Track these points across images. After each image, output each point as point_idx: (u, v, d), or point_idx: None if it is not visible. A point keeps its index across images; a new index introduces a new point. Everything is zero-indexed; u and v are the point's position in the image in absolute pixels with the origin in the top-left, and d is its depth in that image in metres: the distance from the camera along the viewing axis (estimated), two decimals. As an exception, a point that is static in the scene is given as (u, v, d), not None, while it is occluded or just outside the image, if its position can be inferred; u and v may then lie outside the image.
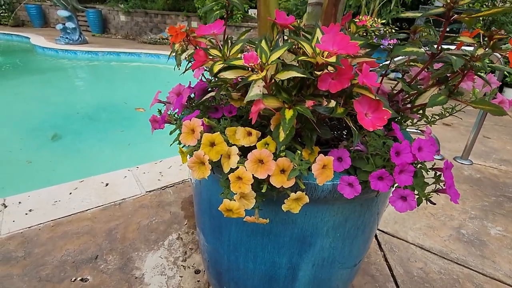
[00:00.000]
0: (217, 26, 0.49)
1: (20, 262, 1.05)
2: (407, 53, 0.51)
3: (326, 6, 0.56)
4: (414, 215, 1.47)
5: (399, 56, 0.52)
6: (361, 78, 0.38)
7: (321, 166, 0.41)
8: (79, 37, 6.32)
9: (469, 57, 0.48)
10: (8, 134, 2.65)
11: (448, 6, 0.49)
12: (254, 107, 0.39)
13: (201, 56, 0.46)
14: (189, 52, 0.69)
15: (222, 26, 0.49)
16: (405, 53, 0.51)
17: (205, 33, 0.49)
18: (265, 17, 0.58)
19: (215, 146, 0.43)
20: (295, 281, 0.65)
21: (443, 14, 0.51)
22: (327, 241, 0.59)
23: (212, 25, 0.49)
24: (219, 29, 0.49)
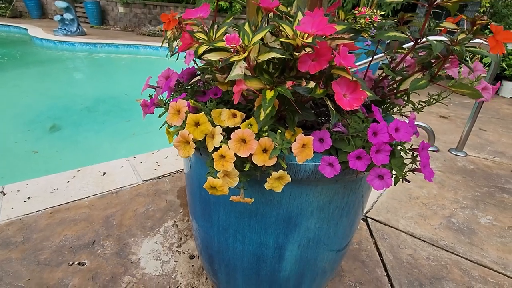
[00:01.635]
0: (203, 10, 0.50)
1: (19, 247, 1.08)
2: (390, 37, 0.52)
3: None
4: (407, 204, 1.50)
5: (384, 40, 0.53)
6: (338, 59, 0.39)
7: (301, 145, 0.43)
8: (77, 28, 6.28)
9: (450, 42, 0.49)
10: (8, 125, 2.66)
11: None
12: (236, 87, 0.41)
13: (186, 38, 0.47)
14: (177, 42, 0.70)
15: (208, 10, 0.50)
16: (388, 37, 0.52)
17: (192, 16, 0.50)
18: (252, 11, 0.59)
19: (199, 125, 0.44)
20: (282, 261, 0.67)
21: (425, 0, 0.53)
22: (312, 222, 0.61)
23: (199, 9, 0.51)
24: (205, 13, 0.50)
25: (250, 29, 0.43)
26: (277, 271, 0.69)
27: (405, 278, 1.08)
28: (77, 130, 2.67)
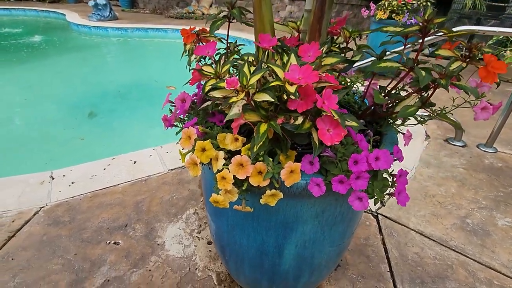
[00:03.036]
0: (211, 47, 0.57)
1: (67, 225, 1.27)
2: (382, 68, 0.56)
3: (311, 22, 0.61)
4: (421, 202, 1.51)
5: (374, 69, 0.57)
6: (320, 102, 0.45)
7: (289, 171, 0.50)
8: (109, 13, 6.52)
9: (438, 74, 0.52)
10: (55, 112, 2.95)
11: (423, 25, 0.53)
12: (234, 123, 0.48)
13: (196, 76, 0.55)
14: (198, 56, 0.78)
15: (215, 48, 0.57)
16: (379, 69, 0.56)
17: (201, 53, 0.58)
18: (260, 30, 0.64)
19: (205, 151, 0.53)
20: (281, 257, 0.76)
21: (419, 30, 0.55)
22: (307, 227, 0.69)
23: (207, 46, 0.57)
24: (212, 50, 0.57)
25: (249, 70, 0.49)
26: (278, 265, 0.79)
27: (408, 275, 1.13)
28: (111, 117, 2.89)
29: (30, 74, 3.92)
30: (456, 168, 1.81)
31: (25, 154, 2.25)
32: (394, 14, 3.14)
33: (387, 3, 3.17)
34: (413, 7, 3.04)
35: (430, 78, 0.52)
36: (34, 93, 3.33)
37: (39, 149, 2.31)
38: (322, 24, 0.60)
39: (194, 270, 1.11)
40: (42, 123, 2.71)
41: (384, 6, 3.19)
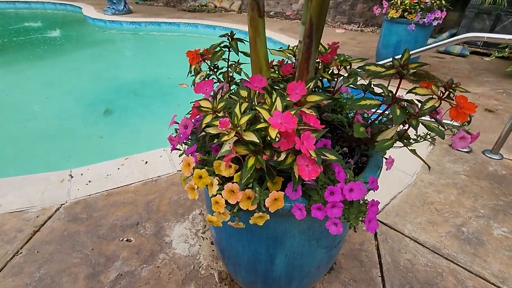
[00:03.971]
0: (208, 85, 0.64)
1: (84, 222, 1.40)
2: (362, 106, 0.61)
3: (299, 62, 0.66)
4: (419, 209, 1.55)
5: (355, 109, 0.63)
6: (299, 143, 0.51)
7: (273, 199, 0.57)
8: (124, 6, 6.62)
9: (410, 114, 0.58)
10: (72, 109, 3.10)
11: (397, 69, 0.58)
12: (225, 158, 0.56)
13: (194, 112, 0.62)
14: (202, 75, 0.86)
15: (212, 86, 0.64)
16: (359, 107, 0.61)
17: (200, 91, 0.65)
18: (255, 61, 0.71)
19: (202, 178, 0.60)
20: (273, 264, 0.84)
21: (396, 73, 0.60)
22: (295, 241, 0.76)
23: (204, 84, 0.64)
24: (210, 88, 0.64)
25: (240, 111, 0.56)
26: (270, 271, 0.87)
27: (398, 281, 1.20)
28: (126, 114, 3.02)
29: (49, 70, 4.10)
30: (458, 175, 1.83)
31: (47, 151, 2.41)
32: (406, 12, 3.09)
33: (399, 2, 3.12)
34: (427, 5, 2.98)
35: (403, 118, 0.58)
36: (54, 90, 3.49)
37: (60, 146, 2.47)
38: (309, 63, 0.66)
39: (198, 268, 1.21)
40: (62, 120, 2.86)
41: (397, 4, 3.14)
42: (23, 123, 2.78)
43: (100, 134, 2.66)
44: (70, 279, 1.15)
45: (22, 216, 1.41)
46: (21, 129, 2.68)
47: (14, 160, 2.30)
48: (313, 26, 0.61)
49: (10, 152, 2.40)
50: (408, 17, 3.09)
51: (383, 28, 3.48)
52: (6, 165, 2.24)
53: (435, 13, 3.03)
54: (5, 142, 2.52)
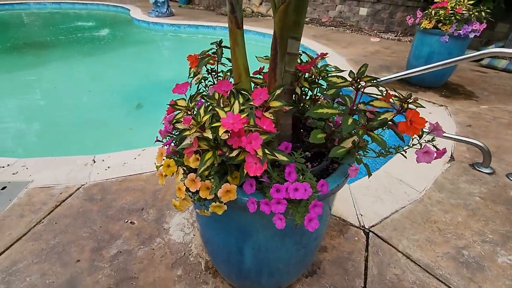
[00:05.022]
0: (184, 86, 0.73)
1: (98, 203, 1.57)
2: (318, 114, 0.66)
3: (268, 71, 0.73)
4: (419, 226, 1.51)
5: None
6: (245, 142, 0.57)
7: (225, 191, 0.64)
8: (166, 9, 7.06)
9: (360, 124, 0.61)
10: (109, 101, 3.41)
11: (353, 81, 0.62)
12: (186, 150, 0.64)
13: (169, 110, 0.71)
14: (199, 77, 0.95)
15: (186, 88, 0.72)
16: (316, 114, 0.66)
17: (177, 92, 0.74)
18: (235, 68, 0.78)
19: (170, 167, 0.69)
20: (243, 256, 0.90)
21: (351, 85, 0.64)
22: (259, 235, 0.82)
23: (181, 85, 0.73)
24: (185, 89, 0.72)
25: (204, 111, 0.64)
26: (241, 262, 0.93)
27: (380, 294, 1.19)
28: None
29: (95, 66, 4.53)
30: (473, 196, 1.74)
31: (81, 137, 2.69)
32: (440, 24, 2.95)
33: (433, 12, 2.99)
34: (463, 17, 2.83)
35: (352, 128, 0.61)
36: (96, 84, 3.86)
37: (92, 134, 2.74)
38: (276, 72, 0.71)
39: (188, 255, 1.31)
40: (99, 111, 3.17)
41: (430, 14, 3.01)
42: (65, 112, 3.12)
43: (130, 126, 2.90)
44: (78, 249, 1.31)
45: (48, 192, 1.62)
46: (63, 117, 3.01)
47: (53, 143, 2.60)
48: (277, 39, 0.67)
49: (51, 136, 2.72)
50: (442, 28, 2.96)
51: (415, 39, 3.36)
52: (46, 146, 2.55)
53: (473, 25, 2.86)
54: (48, 127, 2.86)
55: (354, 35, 6.02)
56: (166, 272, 1.23)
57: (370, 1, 6.49)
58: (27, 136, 2.77)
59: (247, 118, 0.61)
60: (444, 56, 3.12)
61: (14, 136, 2.73)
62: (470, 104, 3.01)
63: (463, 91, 3.34)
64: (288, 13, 0.63)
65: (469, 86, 3.51)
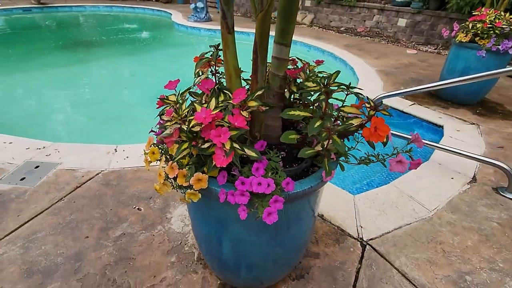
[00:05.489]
0: (175, 83, 0.80)
1: (113, 188, 1.71)
2: (290, 116, 0.69)
3: (251, 73, 0.77)
4: (422, 245, 1.45)
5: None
6: (213, 135, 0.62)
7: (196, 179, 0.69)
8: (205, 15, 7.39)
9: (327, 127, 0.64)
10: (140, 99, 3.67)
11: (323, 87, 0.65)
12: (167, 139, 0.70)
13: (159, 103, 0.79)
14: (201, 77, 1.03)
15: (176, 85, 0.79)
16: (288, 116, 0.69)
17: (168, 88, 0.81)
18: (226, 70, 0.84)
19: (154, 154, 0.76)
20: (222, 247, 0.95)
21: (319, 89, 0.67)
22: (235, 227, 0.86)
23: (172, 83, 0.81)
24: (175, 86, 0.80)
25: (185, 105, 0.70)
26: (220, 253, 0.98)
27: (366, 307, 1.16)
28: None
29: (133, 65, 4.88)
30: (490, 221, 1.62)
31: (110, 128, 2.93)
32: (477, 37, 2.79)
33: (470, 25, 2.83)
34: (503, 31, 2.65)
35: (317, 130, 0.64)
36: (132, 81, 4.16)
37: (120, 126, 2.97)
38: (258, 74, 0.76)
39: (183, 245, 1.38)
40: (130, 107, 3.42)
41: (467, 28, 2.86)
42: (101, 104, 3.41)
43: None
44: (88, 227, 1.44)
45: (73, 174, 1.80)
46: (98, 109, 3.30)
47: (85, 131, 2.87)
48: (257, 44, 0.72)
49: (84, 124, 2.99)
50: (480, 42, 2.79)
51: (450, 52, 3.20)
52: (78, 133, 2.81)
53: None
54: (83, 116, 3.15)
55: (389, 46, 5.84)
56: (161, 258, 1.32)
57: (410, 12, 6.26)
58: (64, 122, 3.07)
59: (222, 113, 0.67)
60: (480, 72, 2.92)
61: (53, 122, 3.04)
62: (507, 124, 2.79)
63: (502, 110, 3.10)
64: (266, 20, 0.67)
65: (510, 105, 3.25)
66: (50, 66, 4.67)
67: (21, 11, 8.62)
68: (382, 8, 6.68)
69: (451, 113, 2.96)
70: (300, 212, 0.87)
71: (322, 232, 1.49)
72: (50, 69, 4.56)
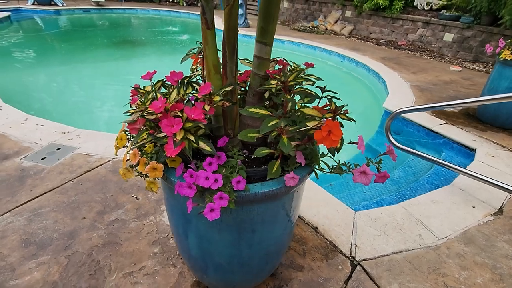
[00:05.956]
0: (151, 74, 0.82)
1: (118, 175, 1.79)
2: (249, 113, 0.67)
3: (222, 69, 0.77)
4: (421, 275, 1.31)
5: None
6: (165, 124, 0.63)
7: (151, 168, 0.70)
8: (244, 21, 7.57)
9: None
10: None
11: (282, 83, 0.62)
12: (129, 126, 0.72)
13: (133, 91, 0.82)
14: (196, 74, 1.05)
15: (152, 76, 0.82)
16: (247, 113, 0.67)
17: (145, 78, 0.84)
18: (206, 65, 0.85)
19: (122, 140, 0.79)
20: (188, 241, 0.94)
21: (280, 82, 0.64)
22: (199, 223, 0.85)
23: (150, 74, 0.83)
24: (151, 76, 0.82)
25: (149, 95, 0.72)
26: (189, 248, 0.97)
27: (341, 331, 1.08)
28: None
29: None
30: (509, 260, 1.42)
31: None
32: (525, 55, 2.51)
33: (517, 41, 2.56)
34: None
35: (269, 129, 0.61)
36: (162, 78, 4.38)
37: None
38: (227, 70, 0.75)
39: (169, 238, 1.40)
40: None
41: (514, 44, 2.59)
42: (131, 99, 3.62)
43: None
44: (87, 209, 1.53)
45: (86, 159, 1.92)
46: (128, 103, 3.51)
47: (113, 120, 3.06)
48: (225, 39, 0.71)
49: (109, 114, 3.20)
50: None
51: (493, 71, 2.92)
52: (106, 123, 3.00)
53: None
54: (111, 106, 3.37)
55: (431, 61, 5.49)
56: (146, 247, 1.35)
57: (459, 26, 5.84)
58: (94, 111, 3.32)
59: (182, 105, 0.67)
60: None
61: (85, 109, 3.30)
62: (555, 155, 2.45)
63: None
64: (232, 15, 0.67)
65: None
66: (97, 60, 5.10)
67: (81, 11, 9.56)
68: (427, 21, 6.32)
69: (488, 136, 2.68)
70: (265, 215, 0.84)
71: (312, 245, 1.42)
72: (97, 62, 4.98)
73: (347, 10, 7.75)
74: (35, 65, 5.11)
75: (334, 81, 5.02)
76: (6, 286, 1.15)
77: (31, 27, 7.90)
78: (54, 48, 6.29)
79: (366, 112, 4.03)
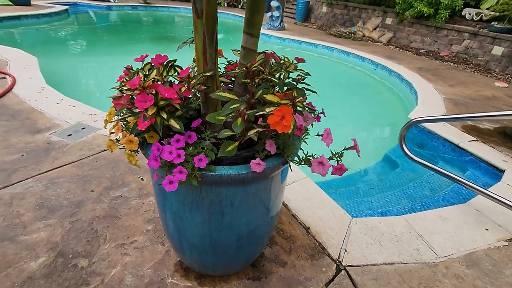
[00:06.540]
0: (142, 58, 0.89)
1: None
2: (217, 96, 0.70)
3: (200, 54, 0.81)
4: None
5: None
6: (137, 100, 0.68)
7: (128, 140, 0.76)
8: (279, 24, 7.63)
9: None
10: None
11: (247, 70, 0.65)
12: (114, 101, 0.79)
13: (125, 71, 0.89)
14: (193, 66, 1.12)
15: (143, 59, 0.88)
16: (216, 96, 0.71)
17: (137, 61, 0.90)
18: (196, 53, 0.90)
19: (111, 114, 0.86)
20: (166, 219, 1.00)
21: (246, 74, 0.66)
22: (173, 200, 0.90)
23: (142, 57, 0.90)
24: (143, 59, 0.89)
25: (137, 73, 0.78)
26: (167, 225, 1.03)
27: (311, 330, 1.06)
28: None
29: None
30: (517, 289, 1.30)
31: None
32: None
33: None
34: None
35: (229, 112, 0.64)
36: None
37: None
38: (207, 56, 0.79)
39: (164, 218, 1.48)
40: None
41: None
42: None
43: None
44: (97, 183, 1.66)
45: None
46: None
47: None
48: (204, 26, 0.75)
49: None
50: None
51: (537, 87, 2.65)
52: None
53: None
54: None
55: (473, 75, 5.10)
56: (141, 224, 1.43)
57: (511, 39, 5.37)
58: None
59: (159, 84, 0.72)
60: None
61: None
62: None
63: None
64: (210, 4, 0.71)
65: None
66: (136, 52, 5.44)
67: (130, 8, 10.25)
68: (475, 32, 5.88)
69: (505, 150, 2.45)
70: (234, 200, 0.86)
71: (300, 244, 1.41)
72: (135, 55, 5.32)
73: (388, 17, 7.47)
74: (82, 54, 5.60)
75: (364, 88, 4.87)
76: (16, 240, 1.29)
77: (85, 20, 8.66)
78: (102, 39, 6.83)
79: (393, 122, 3.86)
